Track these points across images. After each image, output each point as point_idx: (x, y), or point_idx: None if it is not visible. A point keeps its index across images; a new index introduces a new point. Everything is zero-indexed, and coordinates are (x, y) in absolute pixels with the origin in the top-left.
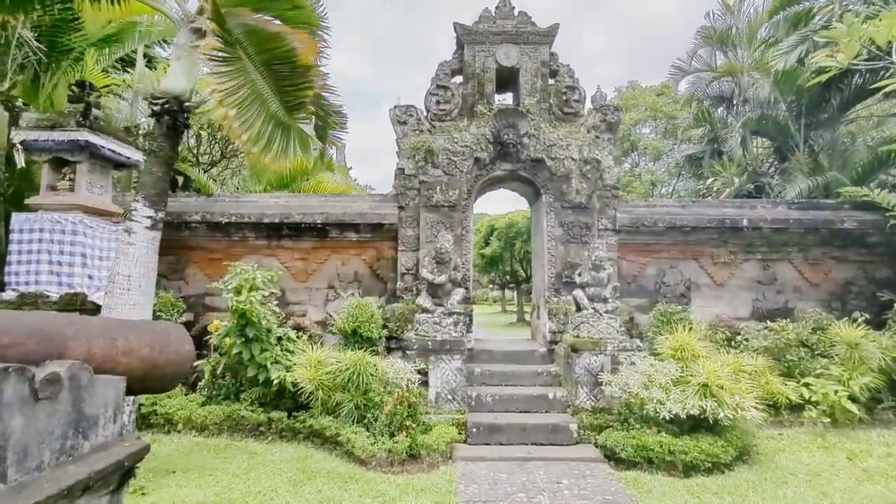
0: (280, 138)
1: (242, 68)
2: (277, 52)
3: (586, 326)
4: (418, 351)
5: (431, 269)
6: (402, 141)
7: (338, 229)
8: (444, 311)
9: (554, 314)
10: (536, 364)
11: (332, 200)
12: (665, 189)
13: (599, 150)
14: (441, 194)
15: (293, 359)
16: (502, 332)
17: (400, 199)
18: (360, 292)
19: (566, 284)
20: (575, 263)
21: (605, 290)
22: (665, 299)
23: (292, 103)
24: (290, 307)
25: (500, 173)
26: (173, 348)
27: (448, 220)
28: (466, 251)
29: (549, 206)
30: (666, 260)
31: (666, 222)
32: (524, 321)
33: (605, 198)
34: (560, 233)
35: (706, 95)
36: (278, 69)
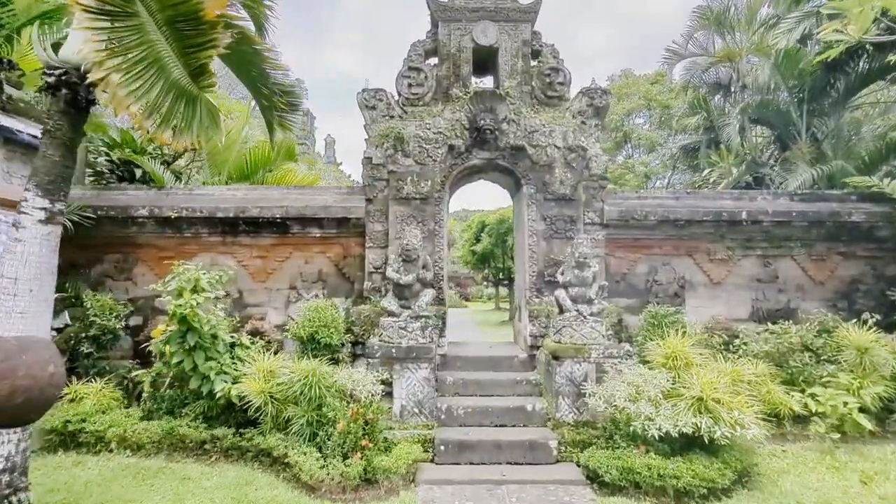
0: (184, 110)
1: (139, 26)
2: (182, 8)
3: (569, 331)
4: (381, 359)
5: (397, 268)
6: (370, 127)
7: (299, 224)
8: (411, 315)
9: (535, 316)
10: (515, 371)
11: (294, 193)
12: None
13: (586, 137)
14: (412, 185)
15: (244, 368)
16: (492, 332)
17: (368, 191)
18: (325, 293)
19: (549, 284)
20: (559, 261)
21: (589, 290)
22: (657, 299)
23: (194, 67)
24: (247, 310)
25: (476, 162)
26: (25, 372)
27: (419, 213)
28: (440, 248)
29: (530, 198)
30: (658, 256)
31: (658, 215)
32: None
33: (591, 189)
34: (542, 227)
35: (702, 82)
36: (182, 27)
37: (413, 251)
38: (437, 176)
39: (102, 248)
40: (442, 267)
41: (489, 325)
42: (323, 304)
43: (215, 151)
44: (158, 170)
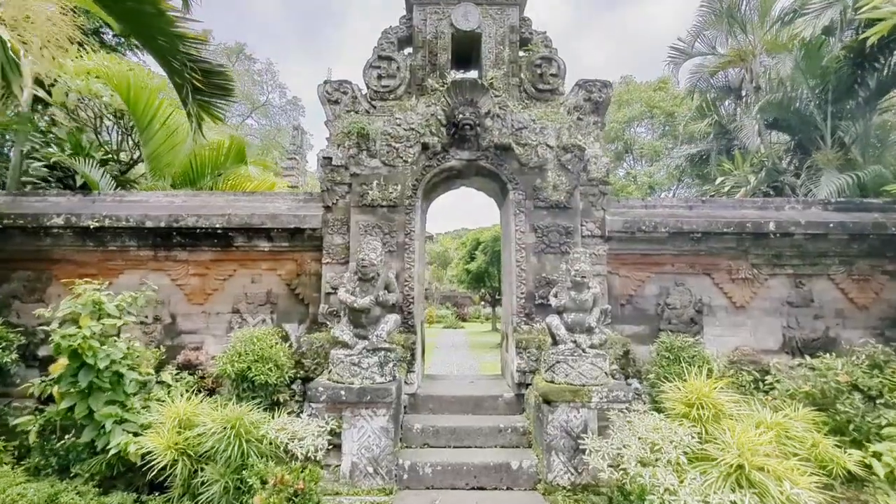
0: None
1: None
2: None
3: (564, 367)
4: (327, 404)
5: (351, 289)
6: (332, 125)
7: (245, 236)
8: (368, 347)
9: (523, 347)
10: (500, 415)
11: (242, 200)
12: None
13: (583, 135)
14: (378, 190)
15: (157, 415)
16: (484, 355)
17: (326, 197)
18: (275, 318)
19: (540, 308)
20: (552, 280)
21: (589, 316)
22: (670, 326)
23: None
24: (181, 338)
25: (455, 164)
26: None
27: (387, 223)
28: (411, 265)
29: (518, 205)
30: (670, 275)
31: (670, 226)
32: None
33: (590, 195)
34: (532, 240)
35: (710, 87)
36: None
37: (370, 268)
38: (409, 179)
39: (10, 264)
40: (413, 287)
41: (483, 349)
42: (261, 333)
43: (158, 154)
44: (96, 175)
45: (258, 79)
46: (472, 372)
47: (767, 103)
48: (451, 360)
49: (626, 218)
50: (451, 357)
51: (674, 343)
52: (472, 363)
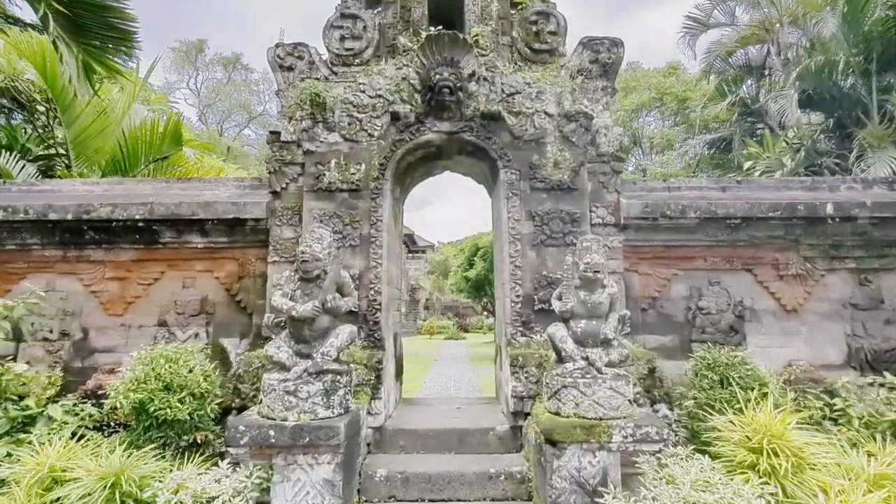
0: None
1: None
2: None
3: (572, 394)
4: (251, 448)
5: (291, 292)
6: (284, 95)
7: (173, 230)
8: (309, 370)
9: (520, 366)
10: (491, 453)
11: (175, 187)
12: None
13: (590, 102)
14: (337, 171)
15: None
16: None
17: (274, 181)
18: (211, 331)
19: (540, 314)
20: (555, 279)
21: (604, 324)
22: (704, 336)
23: None
24: (94, 357)
25: (432, 137)
26: None
27: (348, 212)
28: (376, 262)
29: (510, 187)
30: (702, 272)
31: (701, 210)
32: None
33: (600, 174)
34: (529, 230)
35: (729, 67)
36: None
37: (313, 263)
38: (375, 157)
39: None
40: (380, 290)
41: (484, 361)
42: (172, 351)
43: (84, 138)
44: (15, 167)
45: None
46: (471, 388)
47: (806, 70)
48: (449, 373)
49: (645, 202)
50: (449, 370)
51: (717, 359)
52: (471, 377)
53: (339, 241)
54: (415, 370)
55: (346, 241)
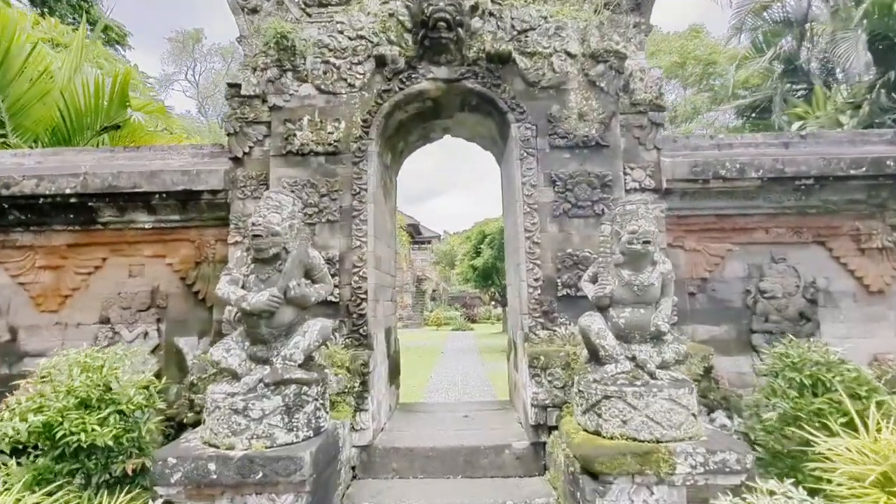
0: None
1: None
2: None
3: (617, 407)
4: (187, 488)
5: (243, 278)
6: (248, 43)
7: (114, 207)
8: (266, 379)
9: (542, 367)
10: (508, 477)
11: (120, 157)
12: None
13: (621, 38)
14: (311, 130)
15: None
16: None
17: (235, 145)
18: (163, 329)
19: (566, 302)
20: (583, 258)
21: (656, 312)
22: (767, 325)
23: None
24: (25, 362)
25: (427, 87)
26: None
27: (324, 180)
28: (361, 241)
29: (525, 146)
30: (763, 247)
31: (765, 169)
32: None
33: (636, 128)
34: (550, 197)
35: (763, 21)
36: None
37: (268, 239)
38: (357, 113)
39: None
40: (366, 275)
41: (493, 353)
42: (93, 356)
43: (22, 106)
44: None
45: None
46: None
47: (873, 6)
48: (457, 367)
49: (693, 160)
50: (457, 364)
51: (804, 356)
52: (480, 371)
53: (314, 215)
54: (420, 364)
55: (322, 216)
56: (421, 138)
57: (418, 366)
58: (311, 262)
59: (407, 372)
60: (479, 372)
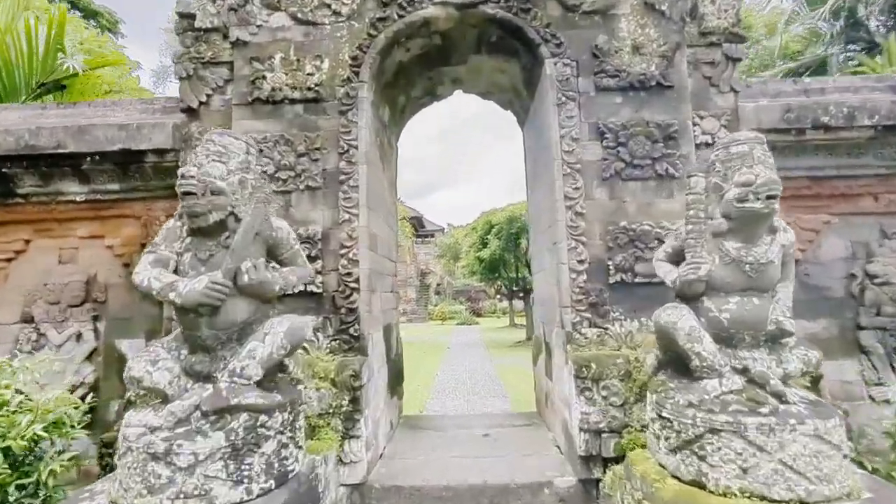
0: None
1: None
2: None
3: (732, 447)
4: None
5: (172, 257)
6: None
7: (35, 174)
8: (203, 408)
9: (593, 378)
10: None
11: (51, 114)
12: None
13: None
14: (285, 71)
15: None
16: (503, 357)
17: (188, 92)
18: (101, 329)
19: (620, 291)
20: (640, 231)
21: (774, 303)
22: (880, 318)
23: None
24: None
25: (434, 12)
26: None
27: (303, 135)
28: (351, 212)
29: (563, 87)
30: (871, 217)
31: (882, 115)
32: None
33: (705, 65)
34: (597, 154)
35: None
36: None
37: (206, 200)
38: (345, 48)
39: None
40: (357, 257)
41: (501, 348)
42: None
43: None
44: None
45: None
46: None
47: None
48: (464, 363)
49: (781, 103)
50: (464, 360)
51: None
52: (488, 367)
53: (290, 181)
54: (426, 361)
55: (300, 182)
56: (426, 94)
57: (423, 363)
58: (275, 235)
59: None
60: (487, 369)
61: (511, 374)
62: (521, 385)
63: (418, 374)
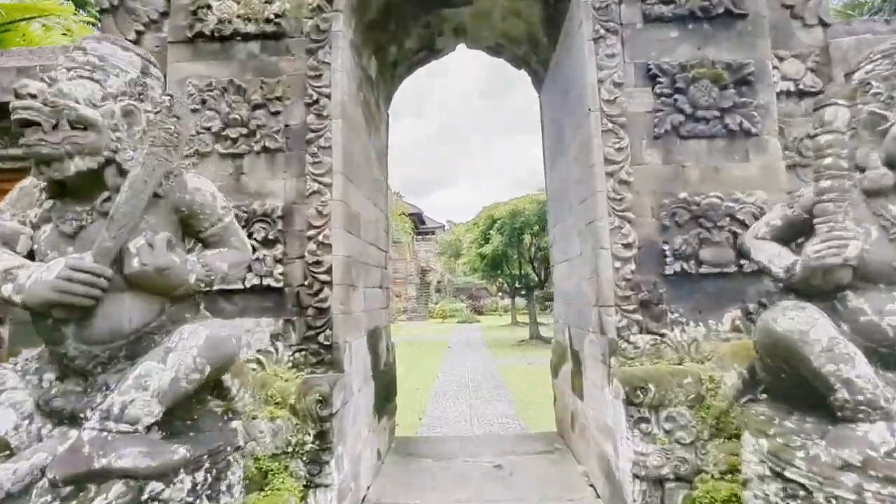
0: None
1: None
2: None
3: None
4: None
5: (21, 230)
6: None
7: None
8: (50, 474)
9: (651, 405)
10: None
11: None
12: None
13: None
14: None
15: None
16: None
17: (110, 27)
18: None
19: (678, 283)
20: (707, 205)
21: None
22: None
23: None
24: None
25: None
26: None
27: (259, 81)
28: (321, 179)
29: (601, 16)
30: None
31: None
32: (541, 338)
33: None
34: (646, 104)
35: None
36: None
37: (57, 137)
38: None
39: None
40: (328, 240)
41: (503, 348)
42: None
43: None
44: None
45: None
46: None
47: None
48: (465, 364)
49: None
50: (465, 361)
51: None
52: (491, 367)
53: (240, 140)
54: (425, 362)
55: (254, 142)
56: (423, 47)
57: (423, 363)
58: (191, 200)
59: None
60: (490, 369)
61: (514, 376)
62: (525, 387)
63: (417, 379)
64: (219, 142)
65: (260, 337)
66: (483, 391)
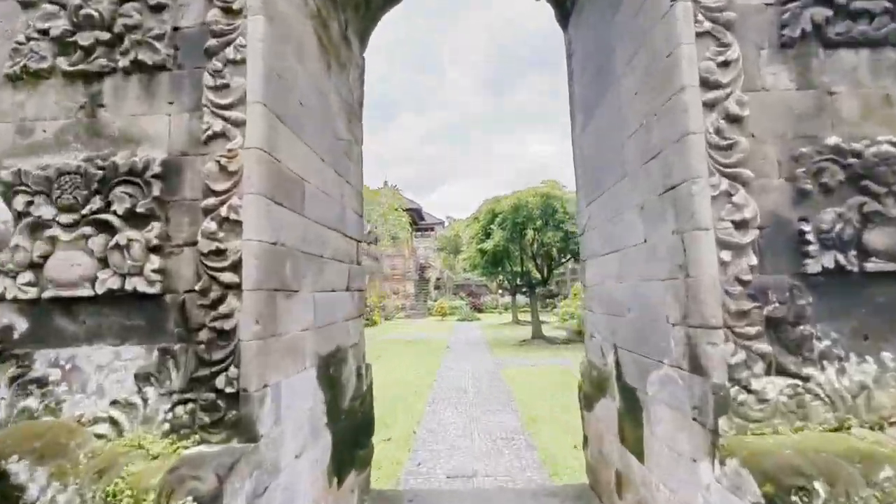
0: None
1: None
2: None
3: None
4: None
5: None
6: None
7: None
8: None
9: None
10: None
11: None
12: None
13: None
14: None
15: None
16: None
17: None
18: None
19: (832, 289)
20: (878, 156)
21: None
22: None
23: None
24: None
25: None
26: None
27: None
28: (223, 116)
29: None
30: None
31: None
32: (542, 337)
33: None
34: (772, 40)
35: None
36: None
37: None
38: None
39: None
40: (237, 217)
41: (504, 347)
42: None
43: None
44: None
45: None
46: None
47: None
48: (465, 367)
49: None
50: (465, 363)
51: None
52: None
53: (102, 52)
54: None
55: (120, 55)
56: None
57: (420, 365)
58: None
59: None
60: (491, 372)
61: (518, 379)
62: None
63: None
64: (64, 54)
65: (118, 378)
66: (484, 399)
